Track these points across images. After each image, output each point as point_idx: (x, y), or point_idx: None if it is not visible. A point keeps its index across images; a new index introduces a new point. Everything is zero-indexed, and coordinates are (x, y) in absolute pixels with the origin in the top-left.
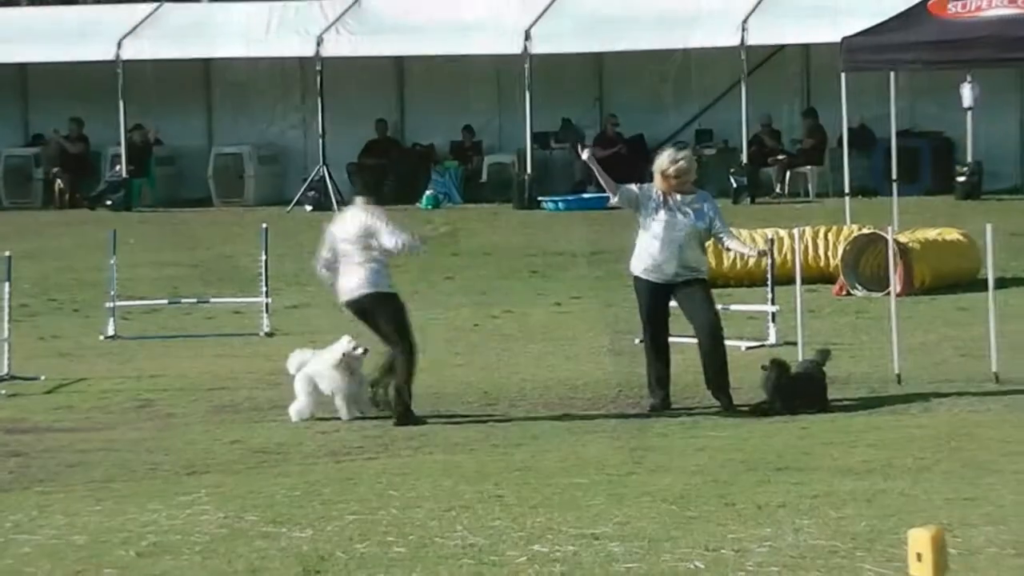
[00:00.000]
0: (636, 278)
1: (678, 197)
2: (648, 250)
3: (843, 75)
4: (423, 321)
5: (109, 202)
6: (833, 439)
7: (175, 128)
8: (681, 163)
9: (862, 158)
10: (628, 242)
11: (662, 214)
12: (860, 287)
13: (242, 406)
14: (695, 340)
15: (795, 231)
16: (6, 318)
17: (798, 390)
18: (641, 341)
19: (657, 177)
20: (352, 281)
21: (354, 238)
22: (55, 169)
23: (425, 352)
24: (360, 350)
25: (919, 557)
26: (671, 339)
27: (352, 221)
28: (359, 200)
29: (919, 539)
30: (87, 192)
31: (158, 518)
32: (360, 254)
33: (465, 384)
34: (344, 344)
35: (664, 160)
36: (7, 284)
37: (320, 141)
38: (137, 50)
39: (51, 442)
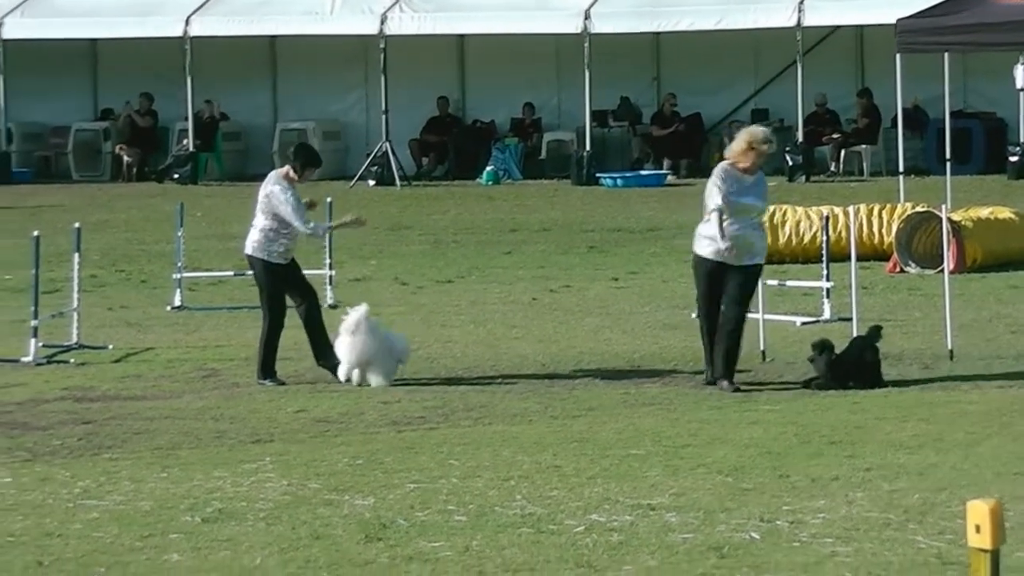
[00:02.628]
0: (702, 259)
1: (749, 178)
2: (722, 231)
3: (898, 56)
4: (482, 294)
5: (176, 176)
6: (886, 414)
7: (241, 104)
8: (773, 143)
9: (915, 138)
10: (684, 219)
11: (744, 197)
12: (913, 264)
13: (305, 376)
14: (751, 315)
15: (850, 209)
16: (75, 288)
17: (850, 367)
18: (697, 316)
19: (746, 148)
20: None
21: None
22: (122, 144)
23: (484, 325)
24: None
25: (977, 528)
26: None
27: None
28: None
29: (977, 511)
30: (155, 166)
31: (223, 485)
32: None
33: (523, 356)
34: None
35: (761, 135)
36: (76, 255)
37: (383, 117)
38: (205, 27)
39: (118, 410)
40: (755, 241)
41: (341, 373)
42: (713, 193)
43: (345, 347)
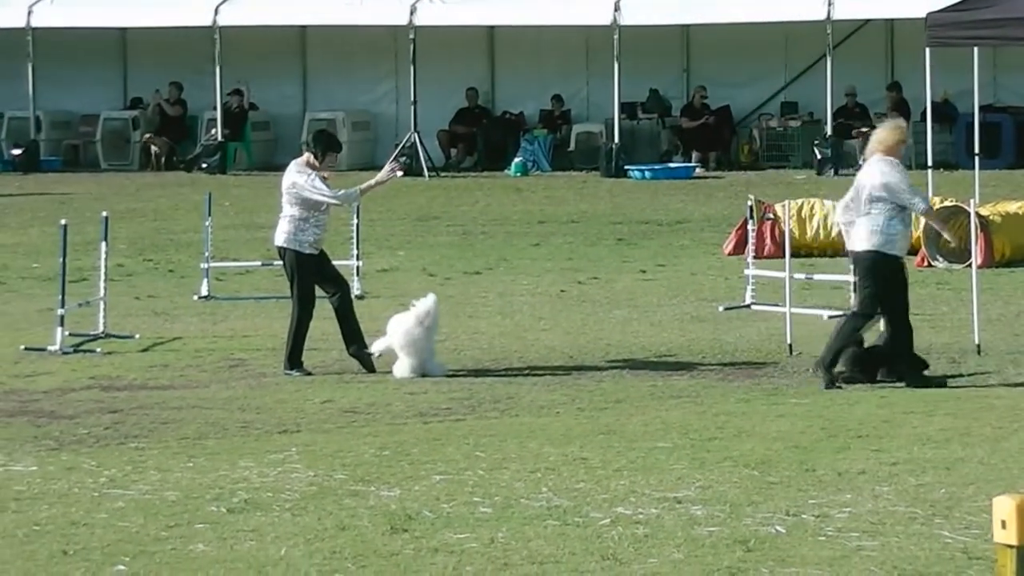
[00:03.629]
0: (895, 258)
1: None
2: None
3: (927, 50)
4: (509, 286)
5: (205, 165)
6: (913, 408)
7: (270, 94)
8: None
9: (944, 132)
10: (712, 211)
11: None
12: (941, 259)
13: (332, 367)
14: (778, 308)
15: None
16: (103, 277)
17: (878, 361)
18: (728, 309)
19: (897, 143)
20: None
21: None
22: (148, 134)
23: (512, 317)
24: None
25: (1003, 524)
26: (758, 307)
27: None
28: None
29: (1003, 506)
30: (183, 155)
31: (249, 475)
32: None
33: (550, 348)
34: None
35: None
36: (104, 244)
37: (412, 108)
38: (234, 16)
39: (145, 399)
40: None
41: (396, 355)
42: (916, 190)
43: (410, 334)
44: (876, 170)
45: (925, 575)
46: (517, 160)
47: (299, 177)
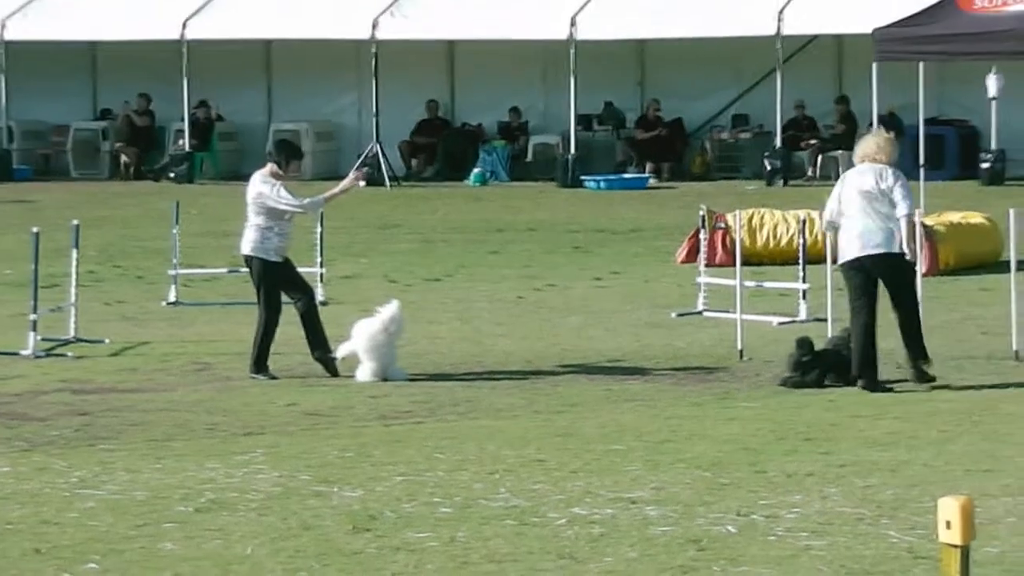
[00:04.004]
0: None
1: None
2: None
3: (874, 64)
4: (468, 292)
5: (173, 175)
6: (860, 412)
7: (236, 105)
8: None
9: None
10: (665, 220)
11: None
12: None
13: (296, 370)
14: (729, 315)
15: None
16: (73, 283)
17: (826, 365)
18: (680, 315)
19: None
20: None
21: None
22: (119, 143)
23: (470, 322)
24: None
25: (948, 524)
26: (709, 314)
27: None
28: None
29: (948, 507)
30: (152, 165)
31: (216, 476)
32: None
33: (508, 353)
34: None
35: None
36: (75, 251)
37: (374, 120)
38: (201, 30)
39: (115, 402)
40: None
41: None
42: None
43: (374, 339)
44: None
45: (872, 573)
46: (476, 170)
47: (264, 187)
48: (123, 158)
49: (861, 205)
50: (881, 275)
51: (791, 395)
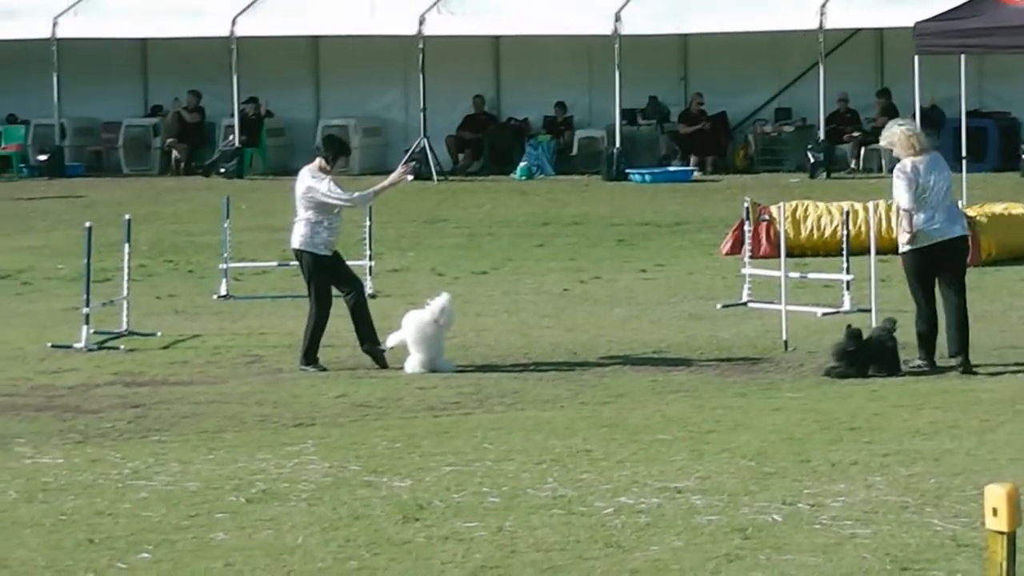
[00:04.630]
0: None
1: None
2: None
3: (916, 58)
4: (515, 285)
5: (222, 170)
6: (903, 401)
7: (285, 101)
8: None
9: (932, 136)
10: (709, 213)
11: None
12: None
13: (346, 362)
14: (774, 306)
15: (869, 204)
16: (125, 277)
17: (869, 356)
18: (725, 307)
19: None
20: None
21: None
22: (170, 139)
23: (517, 314)
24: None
25: (994, 512)
26: (754, 305)
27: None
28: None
29: (995, 494)
30: (202, 161)
31: (267, 467)
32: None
33: (554, 345)
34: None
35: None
36: (127, 246)
37: (421, 115)
38: (251, 27)
39: (166, 394)
40: None
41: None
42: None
43: (424, 331)
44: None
45: (916, 561)
46: (522, 164)
47: (313, 182)
48: (174, 154)
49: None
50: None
51: (835, 385)
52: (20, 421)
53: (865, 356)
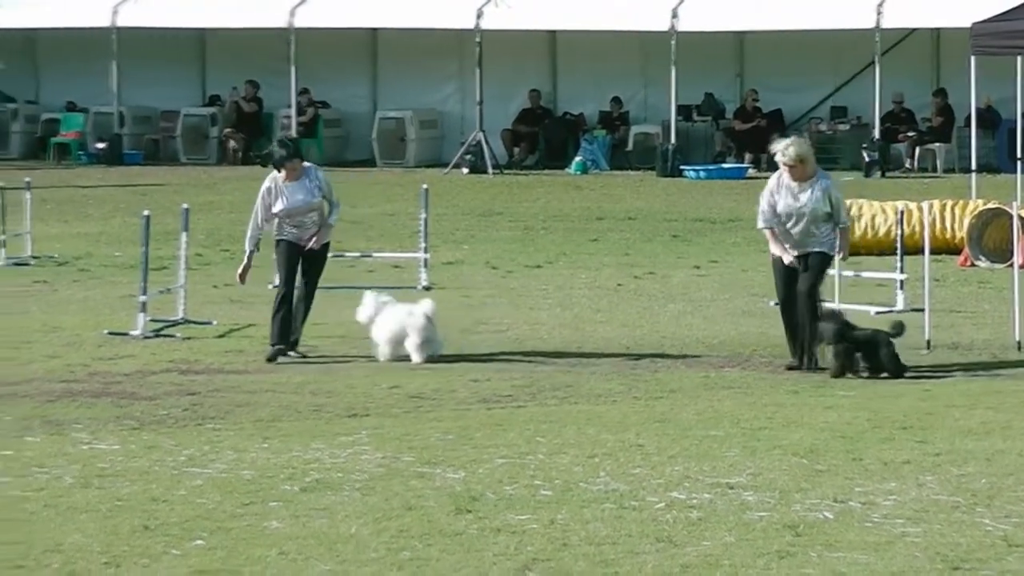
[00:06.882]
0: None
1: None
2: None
3: (972, 58)
4: (569, 279)
5: None
6: (955, 401)
7: (342, 93)
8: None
9: (988, 137)
10: None
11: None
12: (984, 259)
13: (399, 355)
14: (828, 304)
15: (924, 204)
16: (182, 266)
17: (856, 345)
18: (778, 304)
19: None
20: None
21: None
22: (227, 129)
23: (571, 308)
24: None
25: None
26: None
27: None
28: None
29: None
30: (259, 150)
31: (321, 456)
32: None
33: (608, 339)
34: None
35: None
36: (184, 234)
37: (477, 108)
38: (309, 18)
39: (222, 383)
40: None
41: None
42: None
43: (425, 331)
44: None
45: (966, 561)
46: (578, 159)
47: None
48: (231, 143)
49: None
50: None
51: (886, 385)
52: (77, 407)
53: (854, 343)
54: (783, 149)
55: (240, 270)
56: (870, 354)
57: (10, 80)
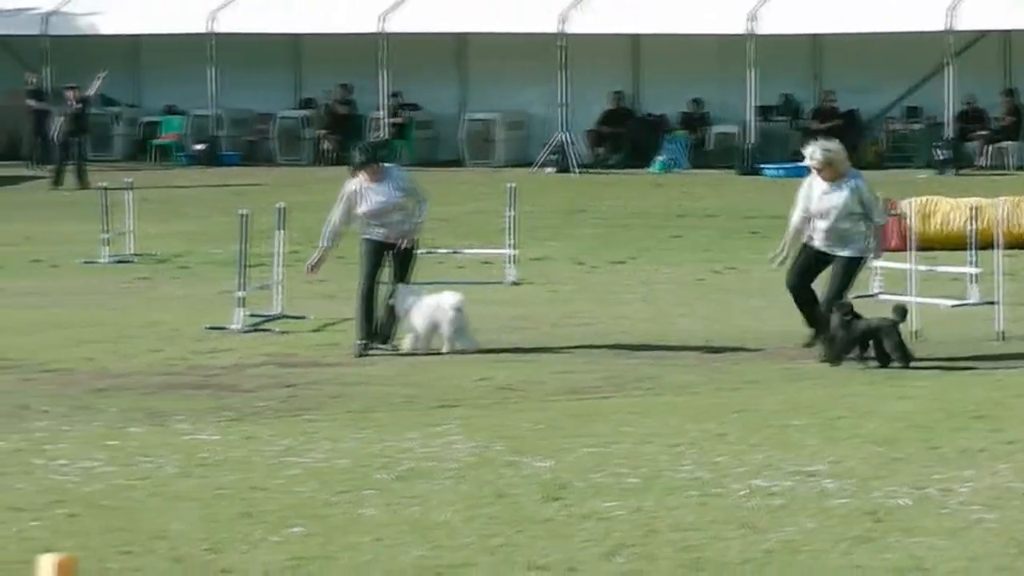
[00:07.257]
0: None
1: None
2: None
3: None
4: (651, 275)
5: None
6: None
7: (432, 95)
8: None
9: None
10: None
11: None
12: None
13: (488, 347)
14: (903, 298)
15: (996, 200)
16: (279, 262)
17: (860, 332)
18: (856, 298)
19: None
20: None
21: None
22: (321, 131)
23: (654, 303)
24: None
25: None
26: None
27: None
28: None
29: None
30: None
31: (414, 446)
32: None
33: (690, 333)
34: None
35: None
36: (280, 232)
37: (562, 110)
38: (399, 24)
39: (317, 375)
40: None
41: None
42: None
43: (458, 322)
44: None
45: None
46: (660, 158)
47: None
48: (325, 145)
49: None
50: None
51: (960, 376)
52: (178, 399)
53: (855, 331)
54: (811, 153)
55: (313, 260)
56: (877, 344)
57: (113, 85)
